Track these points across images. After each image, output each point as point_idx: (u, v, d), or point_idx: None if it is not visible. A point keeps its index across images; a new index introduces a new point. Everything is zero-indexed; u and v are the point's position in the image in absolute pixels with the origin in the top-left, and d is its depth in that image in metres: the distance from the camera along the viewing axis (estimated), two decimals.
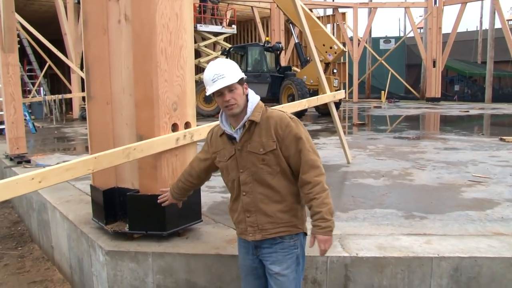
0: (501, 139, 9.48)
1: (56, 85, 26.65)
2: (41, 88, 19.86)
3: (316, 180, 2.41)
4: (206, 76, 2.42)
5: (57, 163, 3.33)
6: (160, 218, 3.46)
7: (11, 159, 7.74)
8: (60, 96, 16.79)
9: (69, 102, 19.25)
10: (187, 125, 3.62)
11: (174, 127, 3.51)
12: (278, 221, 2.48)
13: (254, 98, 2.49)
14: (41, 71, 20.04)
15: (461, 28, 28.12)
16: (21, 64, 19.79)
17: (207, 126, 3.79)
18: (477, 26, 36.37)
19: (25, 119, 12.90)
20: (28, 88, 20.11)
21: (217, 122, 2.66)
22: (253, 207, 2.49)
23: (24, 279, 4.80)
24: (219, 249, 3.38)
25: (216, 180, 6.00)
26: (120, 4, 3.51)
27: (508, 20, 26.85)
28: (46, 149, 9.48)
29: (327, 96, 5.99)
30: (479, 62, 34.46)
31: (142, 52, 3.37)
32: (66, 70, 19.57)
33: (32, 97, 18.24)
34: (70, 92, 18.14)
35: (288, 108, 5.44)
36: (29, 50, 19.30)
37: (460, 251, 3.26)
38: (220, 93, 2.39)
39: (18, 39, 9.88)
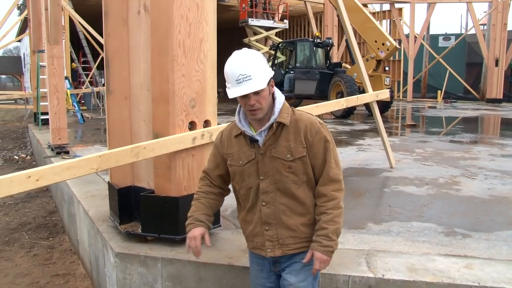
0: None
1: None
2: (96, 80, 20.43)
3: (332, 194, 2.20)
4: (229, 73, 2.10)
5: None
6: (173, 221, 3.27)
7: (52, 149, 7.86)
8: None
9: None
10: (206, 123, 3.39)
11: (192, 125, 3.29)
12: (300, 235, 2.25)
13: (281, 97, 2.23)
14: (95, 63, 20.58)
15: None
16: (76, 56, 20.45)
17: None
18: None
19: (74, 110, 13.27)
20: (82, 80, 20.73)
21: (226, 125, 2.40)
22: (273, 219, 2.23)
23: (49, 271, 4.77)
24: (233, 258, 3.13)
25: None
26: None
27: None
28: (89, 140, 9.60)
29: (369, 96, 5.59)
30: None
31: (159, 45, 3.16)
32: None
33: (85, 88, 18.73)
34: None
35: (324, 107, 5.11)
36: (84, 43, 19.83)
37: (508, 281, 2.81)
38: (244, 95, 2.11)
39: (63, 32, 10.05)
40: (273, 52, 18.24)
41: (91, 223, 4.06)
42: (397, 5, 25.45)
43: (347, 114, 14.66)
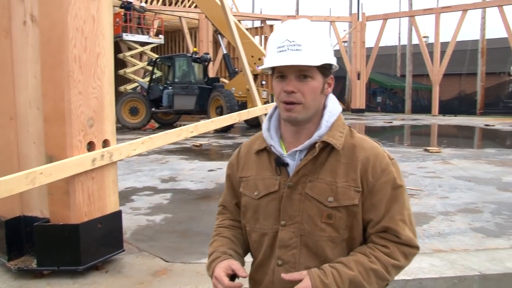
0: (425, 150, 9.76)
1: None
2: None
3: (393, 251, 1.38)
4: (273, 39, 1.40)
5: None
6: (74, 250, 3.00)
7: None
8: None
9: None
10: (105, 143, 3.19)
11: (90, 146, 3.06)
12: None
13: (335, 108, 1.47)
14: None
15: (382, 43, 29.52)
16: None
17: (128, 144, 3.39)
18: (395, 42, 38.36)
19: None
20: None
21: (257, 135, 1.57)
22: (291, 286, 1.38)
23: None
24: (144, 284, 2.96)
25: (142, 201, 5.62)
26: (26, 2, 3.04)
27: (424, 37, 28.44)
28: None
29: (259, 109, 5.73)
30: (398, 75, 36.31)
31: (52, 59, 2.91)
32: None
33: None
34: None
35: (219, 122, 5.12)
36: None
37: (404, 272, 3.04)
38: (282, 74, 1.38)
39: None
40: (150, 68, 17.92)
41: None
42: (268, 22, 26.68)
43: (227, 128, 14.89)
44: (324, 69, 1.38)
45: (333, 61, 1.39)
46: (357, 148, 1.41)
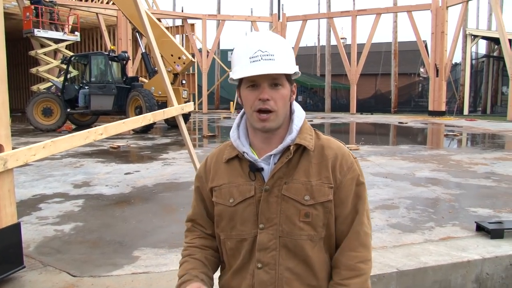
0: None
1: None
2: None
3: (360, 268, 1.48)
4: (242, 50, 1.43)
5: None
6: None
7: None
8: None
9: None
10: None
11: None
12: None
13: (301, 112, 1.55)
14: None
15: (302, 43, 30.22)
16: None
17: (26, 149, 3.07)
18: (315, 42, 39.49)
19: None
20: None
21: (223, 145, 1.62)
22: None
23: None
24: None
25: (51, 209, 5.21)
26: None
27: (341, 38, 29.48)
28: None
29: (175, 109, 5.53)
30: (318, 75, 37.38)
31: None
32: None
33: None
34: None
35: (132, 123, 4.86)
36: None
37: None
38: (254, 83, 1.42)
39: None
40: (64, 67, 16.97)
41: None
42: (189, 21, 26.32)
43: (147, 128, 14.46)
44: (291, 77, 1.47)
45: (297, 68, 1.47)
46: (325, 148, 1.50)
